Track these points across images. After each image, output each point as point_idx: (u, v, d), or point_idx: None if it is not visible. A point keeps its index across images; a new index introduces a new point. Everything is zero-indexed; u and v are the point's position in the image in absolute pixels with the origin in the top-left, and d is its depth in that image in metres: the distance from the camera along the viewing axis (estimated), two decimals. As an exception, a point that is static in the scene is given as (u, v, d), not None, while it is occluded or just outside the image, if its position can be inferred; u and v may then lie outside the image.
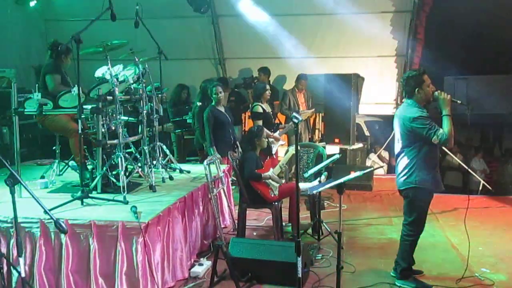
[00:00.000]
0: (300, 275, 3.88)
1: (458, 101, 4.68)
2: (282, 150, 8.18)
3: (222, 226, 6.24)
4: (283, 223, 6.28)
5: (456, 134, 4.52)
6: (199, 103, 7.77)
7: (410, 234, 4.80)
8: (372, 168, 8.43)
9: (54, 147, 6.19)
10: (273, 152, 7.71)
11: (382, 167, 10.61)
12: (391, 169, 10.42)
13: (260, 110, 7.86)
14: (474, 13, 9.17)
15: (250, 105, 8.81)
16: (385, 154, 10.85)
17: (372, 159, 10.64)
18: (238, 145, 7.25)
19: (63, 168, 6.25)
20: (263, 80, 9.66)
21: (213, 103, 7.16)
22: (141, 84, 5.84)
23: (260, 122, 7.75)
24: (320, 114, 9.91)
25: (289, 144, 8.71)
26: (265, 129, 6.38)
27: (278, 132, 7.92)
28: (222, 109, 7.24)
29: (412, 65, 9.45)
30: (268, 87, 8.02)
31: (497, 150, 11.46)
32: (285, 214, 6.30)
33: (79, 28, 4.83)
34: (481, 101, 8.61)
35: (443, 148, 7.65)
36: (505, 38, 9.36)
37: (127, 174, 5.34)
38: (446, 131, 4.45)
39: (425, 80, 4.64)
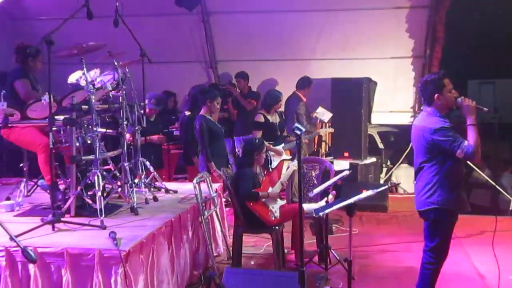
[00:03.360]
0: (305, 311, 3.86)
1: (484, 108, 4.67)
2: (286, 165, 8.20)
3: (215, 254, 6.20)
4: (285, 250, 6.26)
5: (483, 147, 4.52)
6: (187, 113, 7.79)
7: (432, 262, 4.78)
8: (387, 186, 8.44)
9: (21, 164, 6.17)
10: (273, 166, 7.73)
11: (398, 184, 10.61)
12: (409, 187, 10.40)
13: (262, 119, 7.89)
14: (500, 9, 9.23)
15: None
16: (402, 170, 10.85)
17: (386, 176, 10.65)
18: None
19: (31, 188, 6.22)
20: (243, 86, 9.75)
21: (203, 112, 7.17)
22: (121, 91, 5.84)
23: (260, 133, 7.77)
24: (327, 124, 9.93)
25: (293, 159, 8.72)
26: (265, 142, 6.40)
27: (282, 145, 7.94)
28: (212, 119, 7.26)
29: (431, 68, 9.49)
30: (281, 99, 8.07)
31: (531, 164, 11.47)
32: (287, 240, 6.28)
33: (50, 28, 4.83)
34: (510, 107, 8.64)
35: (469, 162, 7.68)
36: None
37: (104, 194, 5.31)
38: (472, 143, 4.45)
39: (446, 85, 4.64)
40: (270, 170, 7.67)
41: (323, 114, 9.22)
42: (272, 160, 7.74)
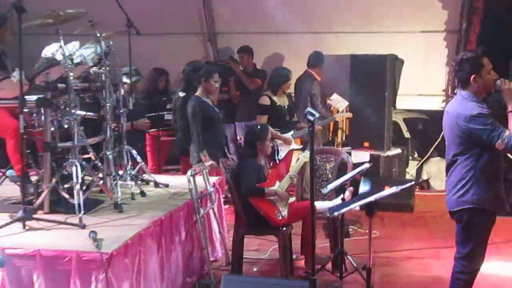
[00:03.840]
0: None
1: (528, 93, 4.68)
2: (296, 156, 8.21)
3: (212, 259, 6.24)
4: (294, 256, 6.28)
5: (526, 137, 4.52)
6: (182, 94, 7.79)
7: (465, 271, 4.80)
8: (413, 182, 8.45)
9: (-14, 152, 6.20)
10: (280, 157, 7.74)
11: (427, 180, 10.63)
12: (439, 184, 10.41)
13: (267, 101, 7.90)
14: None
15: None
16: (430, 163, 10.87)
17: (413, 170, 10.66)
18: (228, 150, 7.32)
19: (-2, 180, 6.26)
20: (247, 63, 9.72)
21: (199, 93, 7.18)
22: (104, 68, 5.85)
23: (265, 118, 7.77)
24: (344, 109, 9.93)
25: (304, 149, 8.74)
26: (270, 128, 6.40)
27: (292, 132, 7.94)
28: (209, 101, 7.26)
29: (468, 44, 9.46)
30: (291, 79, 8.05)
31: None
32: (296, 243, 6.31)
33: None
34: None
35: (509, 155, 7.67)
36: None
37: (84, 188, 5.34)
38: (514, 133, 4.46)
39: (485, 65, 4.64)
40: (277, 161, 7.69)
41: (338, 102, 9.23)
42: (280, 150, 7.76)
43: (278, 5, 9.82)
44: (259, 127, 6.29)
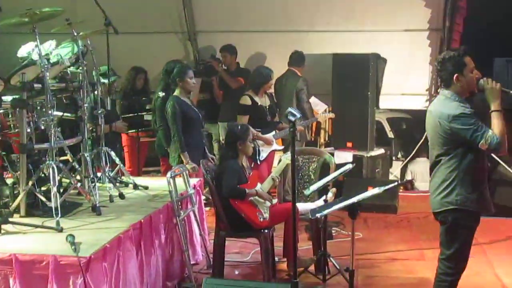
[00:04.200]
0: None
1: (511, 91, 4.71)
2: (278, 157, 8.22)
3: (192, 262, 6.23)
4: (276, 258, 6.28)
5: (510, 136, 4.55)
6: (161, 94, 7.77)
7: (449, 273, 4.81)
8: (397, 183, 8.49)
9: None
10: (261, 158, 7.74)
11: (410, 181, 10.67)
12: (424, 185, 10.46)
13: (248, 101, 7.88)
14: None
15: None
16: (415, 164, 10.92)
17: (397, 170, 10.70)
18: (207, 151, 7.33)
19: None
20: (230, 62, 9.73)
21: (177, 93, 7.16)
22: (81, 68, 5.82)
23: (246, 119, 7.76)
24: (327, 109, 9.95)
25: (285, 150, 8.74)
26: (251, 129, 6.39)
27: (273, 133, 7.94)
28: (188, 101, 7.25)
29: (451, 43, 9.52)
30: (272, 79, 8.05)
31: None
32: (278, 246, 6.31)
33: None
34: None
35: (493, 156, 7.72)
36: None
37: (61, 190, 5.30)
38: (497, 132, 4.47)
39: (468, 64, 4.66)
40: (258, 162, 7.69)
41: (317, 105, 9.25)
42: (261, 150, 7.75)
43: (259, 4, 9.85)
44: (239, 127, 6.28)
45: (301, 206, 6.31)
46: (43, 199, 5.24)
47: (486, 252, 6.94)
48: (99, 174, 6.26)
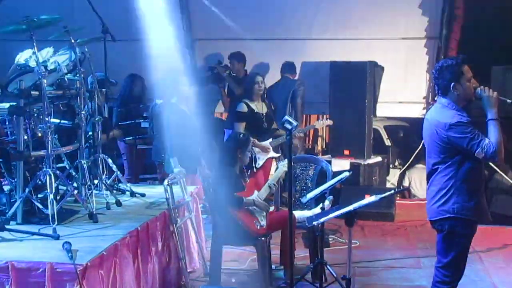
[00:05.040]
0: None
1: (508, 100, 4.71)
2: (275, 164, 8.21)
3: (189, 269, 6.22)
4: (273, 266, 6.28)
5: (507, 145, 4.55)
6: (159, 101, 7.78)
7: (445, 281, 4.81)
8: (394, 191, 8.48)
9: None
10: (258, 166, 7.73)
11: (407, 189, 10.67)
12: (421, 193, 10.46)
13: (244, 108, 7.87)
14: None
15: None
16: (412, 172, 10.92)
17: (394, 178, 10.70)
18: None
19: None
20: (238, 70, 9.75)
21: (173, 100, 7.17)
22: (78, 75, 5.83)
23: (242, 126, 7.75)
24: (324, 116, 9.95)
25: (282, 158, 8.74)
26: (251, 139, 6.40)
27: (270, 140, 7.94)
28: (186, 109, 7.25)
29: (448, 51, 9.53)
30: (259, 79, 8.03)
31: None
32: (275, 254, 6.31)
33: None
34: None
35: (490, 164, 7.73)
36: None
37: (58, 198, 5.30)
38: (494, 141, 4.48)
39: (465, 72, 4.67)
40: (255, 170, 7.69)
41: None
42: (258, 158, 7.75)
43: (257, 12, 9.86)
44: (241, 135, 6.28)
45: (298, 214, 6.32)
46: (40, 206, 5.23)
47: (482, 260, 6.93)
48: (96, 182, 6.25)
